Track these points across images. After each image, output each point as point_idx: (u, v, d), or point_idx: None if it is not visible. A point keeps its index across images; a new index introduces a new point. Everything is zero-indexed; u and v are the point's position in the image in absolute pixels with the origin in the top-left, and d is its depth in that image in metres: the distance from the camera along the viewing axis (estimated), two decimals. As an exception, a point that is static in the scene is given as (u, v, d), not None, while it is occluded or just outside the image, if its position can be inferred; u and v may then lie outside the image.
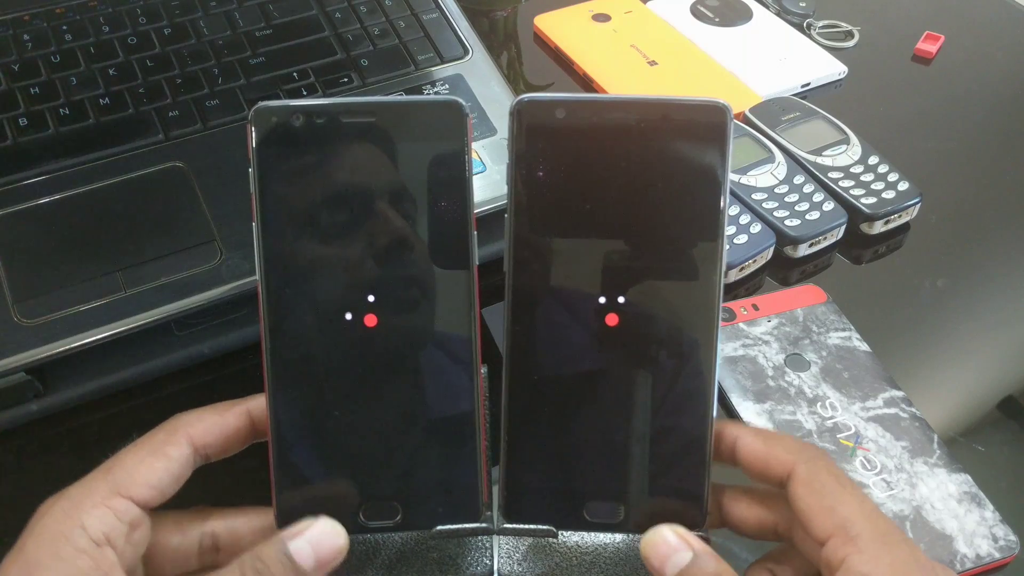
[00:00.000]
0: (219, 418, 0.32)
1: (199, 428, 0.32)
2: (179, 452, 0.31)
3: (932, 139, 0.62)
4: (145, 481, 0.30)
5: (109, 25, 0.53)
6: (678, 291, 0.33)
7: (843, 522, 0.29)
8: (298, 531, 0.31)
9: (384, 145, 0.33)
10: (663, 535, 0.31)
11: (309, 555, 0.30)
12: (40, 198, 0.46)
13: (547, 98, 0.32)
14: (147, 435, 0.31)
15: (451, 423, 0.33)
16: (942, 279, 0.53)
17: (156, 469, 0.30)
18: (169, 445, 0.31)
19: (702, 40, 0.69)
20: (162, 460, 0.31)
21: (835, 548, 0.29)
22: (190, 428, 0.31)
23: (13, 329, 0.41)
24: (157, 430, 0.32)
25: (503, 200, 0.33)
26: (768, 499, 0.33)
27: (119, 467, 0.30)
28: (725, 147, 0.32)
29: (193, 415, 0.32)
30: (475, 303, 0.33)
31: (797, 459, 0.31)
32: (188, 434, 0.31)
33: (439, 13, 0.57)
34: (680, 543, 0.31)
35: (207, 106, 0.51)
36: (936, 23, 0.72)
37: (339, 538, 0.31)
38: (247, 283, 0.44)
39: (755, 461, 0.32)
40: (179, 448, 0.31)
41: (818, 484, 0.30)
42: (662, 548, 0.31)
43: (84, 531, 0.28)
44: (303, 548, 0.30)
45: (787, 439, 0.33)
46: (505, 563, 0.37)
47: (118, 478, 0.30)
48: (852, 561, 0.28)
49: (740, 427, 0.33)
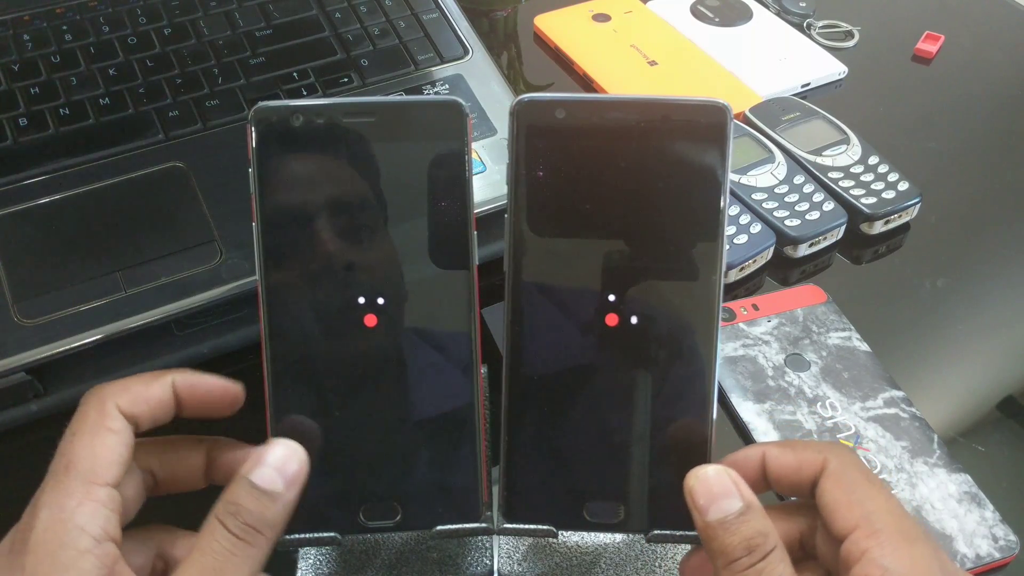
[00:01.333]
0: (144, 388, 0.31)
1: (126, 399, 0.31)
2: (119, 424, 0.30)
3: (932, 139, 0.62)
4: (108, 462, 0.29)
5: (109, 25, 0.53)
6: (678, 291, 0.33)
7: (868, 515, 0.29)
8: (256, 461, 0.30)
9: (384, 145, 0.33)
10: (717, 473, 0.30)
11: (275, 478, 0.30)
12: (40, 198, 0.46)
13: (547, 98, 0.32)
14: (77, 419, 0.30)
15: (451, 423, 0.33)
16: (942, 279, 0.53)
17: (110, 447, 0.29)
18: (107, 419, 0.30)
19: (702, 40, 0.69)
20: (110, 437, 0.30)
21: (857, 540, 0.29)
22: (117, 399, 0.31)
23: (13, 329, 0.41)
24: (85, 409, 0.30)
25: (503, 200, 0.33)
26: (789, 513, 0.33)
27: (75, 460, 0.29)
28: (725, 147, 0.32)
29: (116, 386, 0.31)
30: (475, 303, 0.33)
31: (827, 456, 0.31)
32: (117, 405, 0.30)
33: (439, 13, 0.57)
34: (732, 488, 0.30)
35: (207, 106, 0.51)
36: (936, 23, 0.72)
37: (298, 452, 0.31)
38: (247, 283, 0.44)
39: (787, 471, 0.32)
40: (117, 420, 0.30)
41: (846, 479, 0.30)
42: (714, 486, 0.30)
43: (83, 531, 0.28)
44: (268, 474, 0.30)
45: (813, 442, 0.32)
46: (505, 563, 0.37)
47: (83, 470, 0.29)
48: (873, 554, 0.28)
49: (763, 444, 0.33)
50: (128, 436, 0.30)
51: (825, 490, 0.30)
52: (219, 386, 0.33)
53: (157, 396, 0.32)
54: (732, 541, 0.29)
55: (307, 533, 0.33)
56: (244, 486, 0.30)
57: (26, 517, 0.29)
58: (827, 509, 0.30)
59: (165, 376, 0.32)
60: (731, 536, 0.29)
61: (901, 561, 0.28)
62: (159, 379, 0.32)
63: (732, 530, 0.29)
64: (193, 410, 0.33)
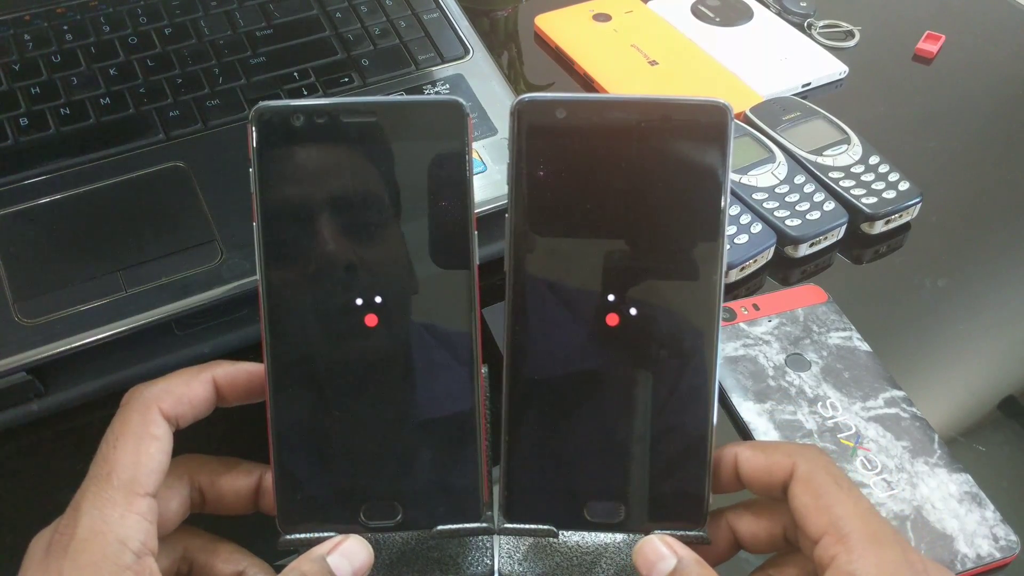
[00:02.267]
0: (186, 388, 0.32)
1: (169, 401, 0.31)
2: (162, 430, 0.30)
3: (932, 139, 0.62)
4: (150, 471, 0.29)
5: (109, 25, 0.53)
6: (679, 291, 0.33)
7: (835, 521, 0.29)
8: (333, 546, 0.31)
9: (384, 145, 0.33)
10: (652, 543, 0.32)
11: (347, 568, 0.31)
12: (40, 198, 0.46)
13: (547, 98, 0.32)
14: (119, 422, 0.30)
15: (451, 423, 0.33)
16: (942, 279, 0.53)
17: (153, 455, 0.30)
18: (150, 426, 0.30)
19: (702, 40, 0.69)
20: (153, 444, 0.30)
21: (826, 546, 0.29)
22: (160, 403, 0.31)
23: (13, 329, 0.41)
24: (128, 413, 0.30)
25: (503, 200, 0.33)
26: (770, 508, 0.33)
27: (117, 467, 0.29)
28: (726, 147, 0.32)
29: (158, 387, 0.31)
30: (475, 303, 0.33)
31: (796, 459, 0.31)
32: (160, 409, 0.31)
33: (439, 13, 0.57)
34: (667, 551, 0.31)
35: (207, 106, 0.51)
36: (936, 23, 0.72)
37: (367, 550, 0.32)
38: (247, 283, 0.44)
39: (758, 473, 0.32)
40: (160, 426, 0.30)
41: (815, 483, 0.30)
42: (650, 555, 0.31)
43: (124, 546, 0.28)
44: (341, 563, 0.31)
45: (785, 444, 0.33)
46: (505, 563, 0.37)
47: (125, 478, 0.29)
48: (840, 560, 0.28)
49: (736, 445, 0.33)
50: (169, 442, 0.31)
51: (795, 495, 0.31)
52: (258, 373, 0.33)
53: (199, 395, 0.32)
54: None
55: (307, 533, 0.33)
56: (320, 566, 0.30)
57: (67, 520, 0.29)
58: (798, 514, 0.30)
59: (205, 372, 0.32)
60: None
61: (868, 566, 0.28)
62: (199, 376, 0.32)
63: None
64: (235, 400, 0.33)
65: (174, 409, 0.31)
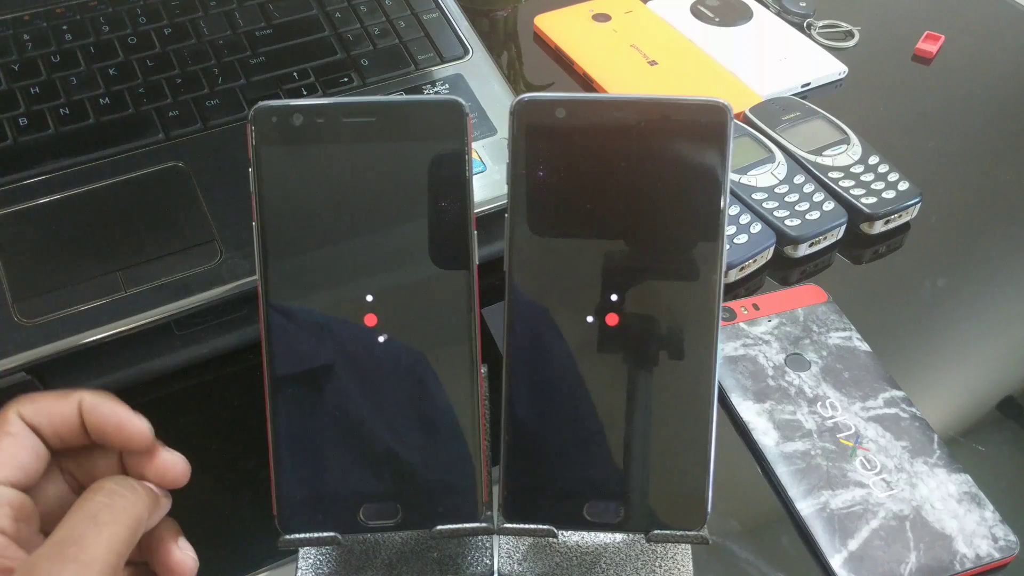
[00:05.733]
0: (52, 401, 0.31)
1: (30, 408, 0.31)
2: (17, 428, 0.30)
3: (932, 139, 0.62)
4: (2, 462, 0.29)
5: (109, 25, 0.53)
6: (678, 291, 0.33)
7: None
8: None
9: (384, 145, 0.33)
10: None
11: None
12: (40, 198, 0.46)
13: (547, 98, 0.32)
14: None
15: (451, 423, 0.33)
16: (942, 279, 0.53)
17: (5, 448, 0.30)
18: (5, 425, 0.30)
19: (702, 40, 0.69)
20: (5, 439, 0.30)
21: None
22: (20, 407, 0.31)
23: (13, 329, 0.41)
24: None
25: (503, 200, 0.33)
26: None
27: None
28: (725, 147, 0.32)
29: (27, 396, 0.31)
30: (475, 303, 0.33)
31: None
32: (18, 411, 0.31)
33: (439, 13, 0.57)
34: None
35: (207, 106, 0.51)
36: (936, 23, 0.72)
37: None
38: (247, 283, 0.44)
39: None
40: (15, 424, 0.30)
41: None
42: None
43: None
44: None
45: None
46: (505, 563, 0.37)
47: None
48: None
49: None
50: (30, 441, 0.30)
51: None
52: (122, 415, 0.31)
53: (61, 411, 0.31)
54: None
55: (307, 533, 0.33)
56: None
57: None
58: None
59: (76, 393, 0.32)
60: None
61: None
62: (69, 395, 0.32)
63: None
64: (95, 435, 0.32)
65: (33, 417, 0.31)
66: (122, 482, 0.30)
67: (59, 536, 0.28)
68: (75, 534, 0.28)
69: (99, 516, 0.28)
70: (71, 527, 0.28)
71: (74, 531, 0.28)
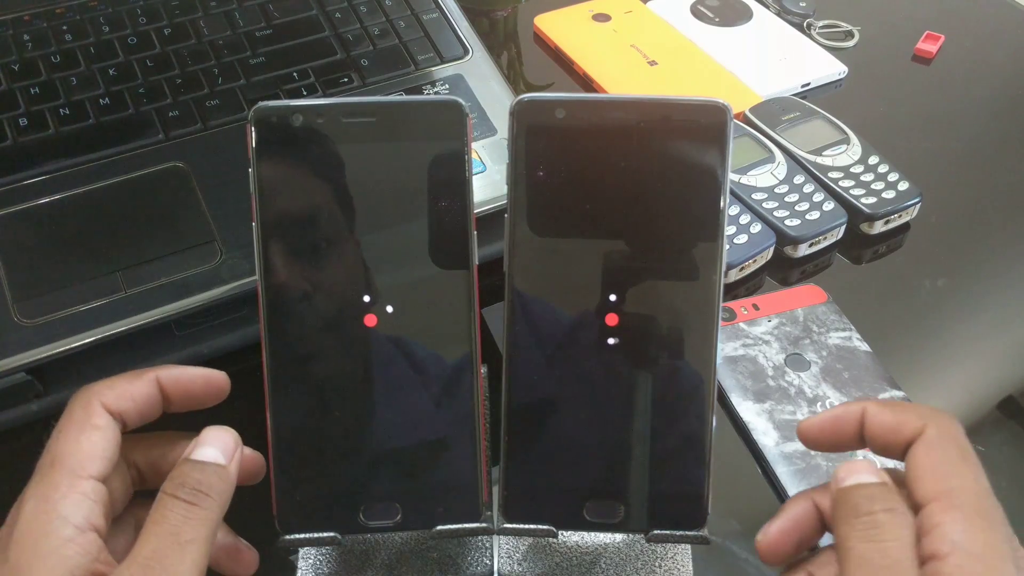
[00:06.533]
0: (129, 385, 0.32)
1: (110, 396, 0.31)
2: (104, 420, 0.31)
3: (932, 139, 0.62)
4: (93, 456, 0.30)
5: (109, 25, 0.53)
6: (678, 291, 0.33)
7: (950, 491, 0.28)
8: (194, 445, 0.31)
9: (384, 145, 0.33)
10: (864, 460, 0.31)
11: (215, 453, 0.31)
12: (40, 198, 0.46)
13: (547, 98, 0.32)
14: (63, 418, 0.31)
15: (451, 423, 0.33)
16: (942, 279, 0.53)
17: (95, 442, 0.30)
18: (92, 417, 0.30)
19: (702, 40, 0.69)
20: (95, 432, 0.30)
21: (932, 513, 0.28)
22: (101, 397, 0.31)
23: (13, 329, 0.41)
24: (72, 408, 0.31)
25: (503, 200, 0.33)
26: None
27: (61, 455, 0.30)
28: (725, 147, 0.32)
29: (101, 384, 0.32)
30: (475, 303, 0.33)
31: (928, 423, 0.30)
32: (101, 402, 0.31)
33: (439, 13, 0.57)
34: (875, 470, 0.30)
35: (207, 106, 0.51)
36: (936, 23, 0.72)
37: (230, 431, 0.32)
38: (247, 283, 0.44)
39: (884, 429, 0.31)
40: (102, 417, 0.31)
41: (940, 449, 0.29)
42: (856, 464, 0.30)
43: (66, 520, 0.28)
44: (207, 451, 0.31)
45: (919, 406, 0.32)
46: (505, 563, 0.37)
47: (69, 464, 0.29)
48: (946, 528, 0.27)
49: (863, 402, 0.32)
50: (113, 432, 0.31)
51: (916, 455, 0.30)
52: (202, 376, 0.33)
53: (142, 392, 0.32)
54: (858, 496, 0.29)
55: (307, 533, 0.33)
56: (186, 464, 0.30)
57: (12, 512, 0.29)
58: (912, 474, 0.29)
59: (150, 372, 0.32)
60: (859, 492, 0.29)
61: (973, 541, 0.27)
62: (143, 375, 0.32)
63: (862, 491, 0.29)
64: (180, 403, 0.33)
65: (116, 404, 0.31)
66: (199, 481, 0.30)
67: (143, 556, 0.28)
68: (159, 554, 0.28)
69: (181, 533, 0.28)
70: (155, 547, 0.28)
71: (158, 551, 0.28)
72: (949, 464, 0.29)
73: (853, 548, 0.28)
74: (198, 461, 0.30)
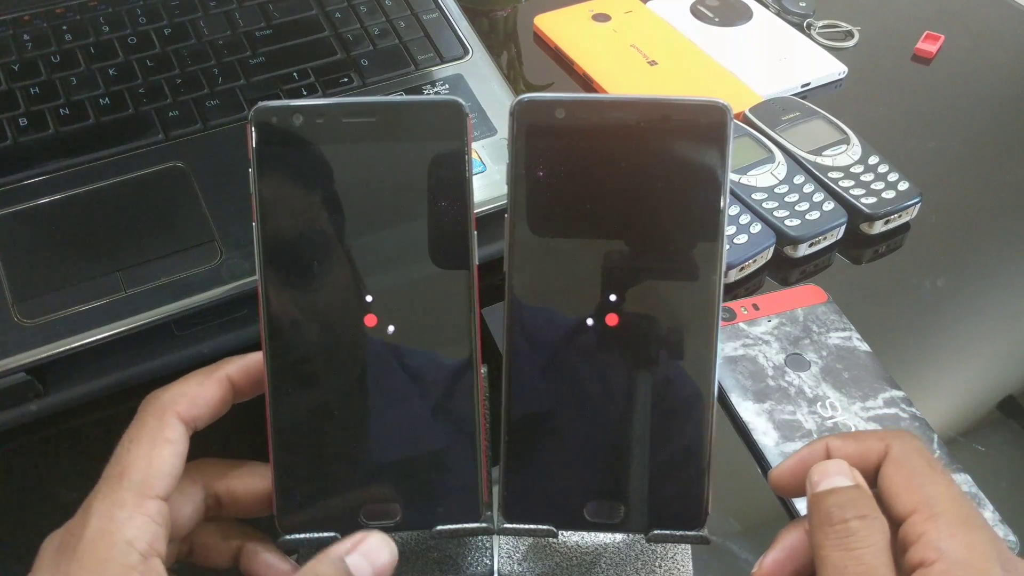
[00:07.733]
0: (201, 389, 0.32)
1: (184, 404, 0.31)
2: (177, 434, 0.30)
3: (932, 139, 0.62)
4: (162, 474, 0.29)
5: (109, 25, 0.53)
6: (678, 291, 0.33)
7: (927, 500, 0.29)
8: (353, 545, 0.31)
9: (384, 145, 0.33)
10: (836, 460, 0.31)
11: (367, 569, 0.30)
12: (40, 198, 0.46)
13: (547, 98, 0.32)
14: (135, 426, 0.31)
15: (451, 423, 0.33)
16: (942, 279, 0.53)
17: (166, 458, 0.30)
18: (166, 429, 0.30)
19: (702, 40, 0.69)
20: (167, 447, 0.30)
21: (915, 524, 0.29)
22: (176, 407, 0.31)
23: (13, 329, 0.41)
24: (144, 417, 0.31)
25: (503, 200, 0.33)
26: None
27: (130, 468, 0.29)
28: (725, 147, 0.32)
29: (173, 391, 0.31)
30: (475, 303, 0.33)
31: (890, 442, 0.31)
32: (176, 412, 0.31)
33: (439, 13, 0.57)
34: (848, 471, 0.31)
35: (207, 106, 0.51)
36: (936, 23, 0.72)
37: (390, 548, 0.31)
38: (247, 283, 0.44)
39: (851, 460, 0.31)
40: (176, 430, 0.31)
41: (908, 464, 0.30)
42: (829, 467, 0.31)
43: (131, 546, 0.28)
44: (360, 564, 0.30)
45: (876, 431, 0.32)
46: (505, 563, 0.37)
47: (136, 480, 0.29)
48: (931, 536, 0.28)
49: (825, 438, 0.33)
50: (183, 446, 0.31)
51: (886, 475, 0.30)
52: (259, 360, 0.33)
53: (215, 395, 0.32)
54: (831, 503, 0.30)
55: (307, 533, 0.33)
56: (337, 568, 0.30)
57: (77, 520, 0.29)
58: (887, 493, 0.30)
59: (218, 371, 0.33)
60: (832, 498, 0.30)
61: (959, 545, 0.28)
62: (213, 376, 0.32)
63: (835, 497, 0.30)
64: (252, 392, 0.33)
65: (190, 411, 0.31)
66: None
67: None
68: None
69: None
70: None
71: None
72: (920, 475, 0.30)
73: (828, 557, 0.29)
74: (348, 571, 0.30)
